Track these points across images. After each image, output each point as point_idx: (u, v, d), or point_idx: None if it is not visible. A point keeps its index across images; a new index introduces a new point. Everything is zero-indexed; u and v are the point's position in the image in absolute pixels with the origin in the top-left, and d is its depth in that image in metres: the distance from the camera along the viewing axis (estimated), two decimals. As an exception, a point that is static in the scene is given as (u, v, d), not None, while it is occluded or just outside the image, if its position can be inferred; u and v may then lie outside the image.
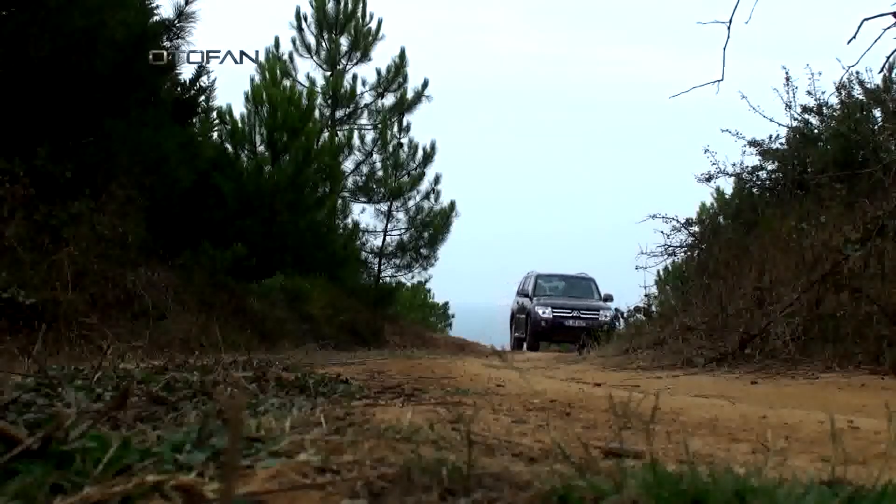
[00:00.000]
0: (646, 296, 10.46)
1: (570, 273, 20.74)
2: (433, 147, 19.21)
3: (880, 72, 9.06)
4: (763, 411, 2.33)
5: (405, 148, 19.09)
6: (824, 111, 10.37)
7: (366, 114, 19.33)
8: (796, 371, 4.72)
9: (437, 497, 1.13)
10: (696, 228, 10.97)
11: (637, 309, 9.23)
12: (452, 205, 19.43)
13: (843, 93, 10.03)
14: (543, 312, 18.17)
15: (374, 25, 19.14)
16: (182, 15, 9.87)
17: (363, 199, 19.09)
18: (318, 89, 18.32)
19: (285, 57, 18.42)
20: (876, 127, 9.68)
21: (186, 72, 10.98)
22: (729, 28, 5.61)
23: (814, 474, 1.36)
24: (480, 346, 19.00)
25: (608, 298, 19.02)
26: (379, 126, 19.07)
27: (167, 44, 9.87)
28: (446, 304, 30.14)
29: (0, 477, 1.11)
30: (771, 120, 11.11)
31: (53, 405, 1.73)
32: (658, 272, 13.50)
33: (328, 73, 19.08)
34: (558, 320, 18.01)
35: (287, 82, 15.29)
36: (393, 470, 1.22)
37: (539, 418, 2.17)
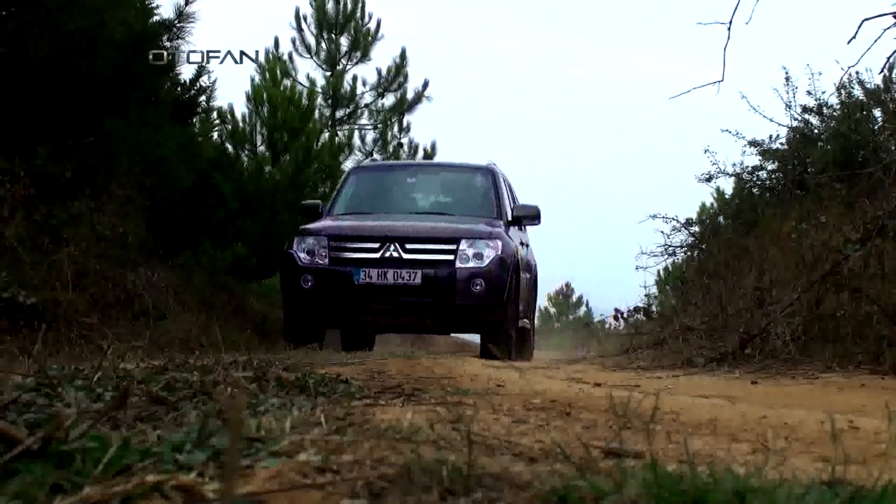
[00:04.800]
0: (646, 296, 10.47)
1: (438, 161, 11.60)
2: (434, 147, 19.17)
3: (880, 72, 9.06)
4: (763, 411, 2.33)
5: (406, 148, 19.08)
6: (824, 111, 10.37)
7: (366, 114, 19.33)
8: (796, 371, 4.73)
9: (437, 497, 1.13)
10: (696, 228, 10.98)
11: (637, 309, 9.24)
12: (453, 205, 19.33)
13: (843, 93, 10.03)
14: (308, 254, 8.12)
15: (373, 25, 19.15)
16: (182, 15, 9.87)
17: (363, 199, 19.06)
18: (319, 89, 18.32)
19: (285, 57, 18.42)
20: (876, 127, 9.68)
21: (186, 72, 10.99)
22: (729, 29, 5.62)
23: (814, 474, 1.36)
24: (476, 345, 18.76)
25: (528, 217, 9.28)
26: (379, 126, 19.08)
27: (167, 44, 9.88)
28: (446, 304, 30.03)
29: (0, 477, 1.11)
30: (771, 120, 11.09)
31: (53, 405, 1.73)
32: (658, 272, 13.49)
33: (328, 73, 19.09)
34: (341, 272, 7.94)
35: (287, 82, 15.28)
36: (393, 470, 1.22)
37: (539, 418, 2.17)
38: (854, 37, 5.10)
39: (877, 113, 10.04)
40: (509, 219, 9.07)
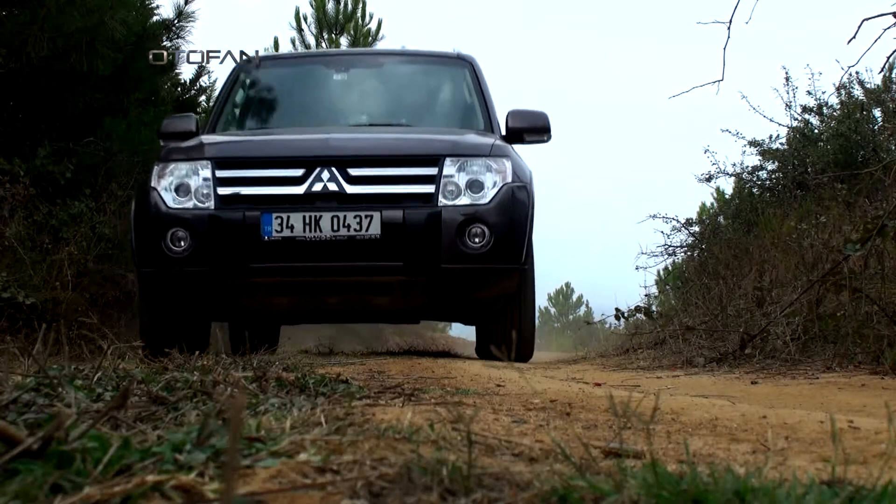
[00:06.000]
0: (646, 296, 10.46)
1: (382, 48, 8.42)
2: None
3: (880, 71, 9.07)
4: (763, 411, 2.33)
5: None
6: (824, 111, 10.38)
7: (366, 113, 19.31)
8: (796, 371, 4.73)
9: (438, 497, 1.13)
10: (696, 228, 10.98)
11: (637, 309, 9.25)
12: (453, 205, 19.25)
13: (843, 93, 10.04)
14: (180, 191, 4.94)
15: (374, 26, 19.15)
16: (182, 15, 9.88)
17: (363, 199, 18.99)
18: (318, 89, 18.31)
19: (285, 57, 18.41)
20: (876, 127, 9.69)
21: (186, 72, 11.01)
22: (729, 28, 5.61)
23: (814, 474, 1.36)
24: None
25: (531, 131, 5.85)
26: (379, 126, 19.06)
27: (167, 43, 9.88)
28: (446, 303, 29.88)
29: (0, 477, 1.11)
30: (771, 120, 11.15)
31: (53, 405, 1.73)
32: (658, 272, 13.49)
33: (328, 73, 19.09)
34: (240, 221, 4.79)
35: (287, 82, 15.28)
36: (393, 470, 1.22)
37: (539, 418, 2.17)
38: (854, 37, 5.09)
39: (877, 113, 10.04)
40: (503, 133, 5.91)
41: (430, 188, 4.97)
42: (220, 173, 4.96)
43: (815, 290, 5.50)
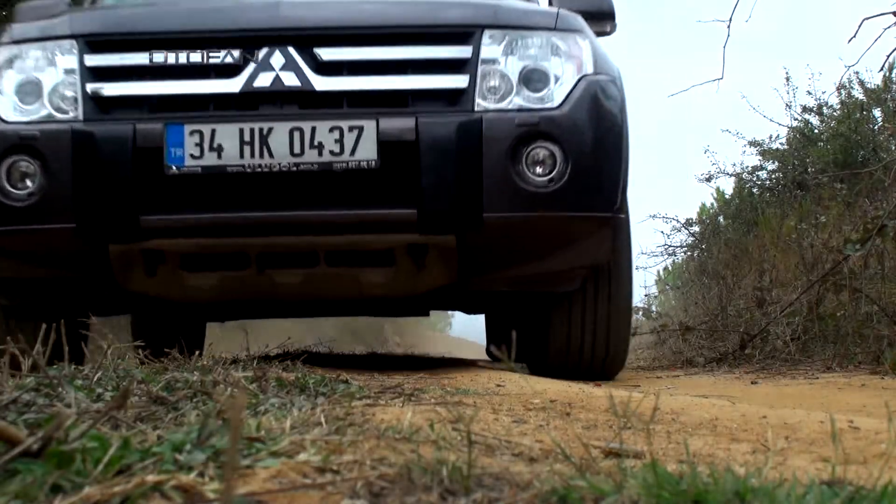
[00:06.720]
0: (646, 296, 10.48)
1: None
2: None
3: (880, 71, 9.06)
4: (763, 411, 2.33)
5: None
6: (824, 111, 10.40)
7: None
8: (796, 371, 4.73)
9: (438, 497, 1.13)
10: (696, 228, 11.00)
11: (637, 309, 9.27)
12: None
13: (843, 93, 10.05)
14: (23, 93, 2.89)
15: None
16: (182, 15, 9.88)
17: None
18: (318, 89, 18.24)
19: (285, 57, 18.35)
20: (876, 127, 9.70)
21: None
22: (729, 27, 5.62)
23: (814, 474, 1.36)
24: (480, 346, 18.66)
25: (590, 16, 3.30)
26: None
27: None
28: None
29: (0, 477, 1.11)
30: (771, 120, 11.19)
31: (53, 405, 1.73)
32: (658, 272, 13.51)
33: (328, 73, 19.05)
34: (126, 139, 2.81)
35: (287, 82, 15.25)
36: (393, 470, 1.22)
37: (539, 418, 2.17)
38: (854, 36, 5.10)
39: (877, 113, 10.06)
40: None
41: (459, 81, 3.05)
42: (93, 60, 3.06)
43: (815, 290, 5.50)
